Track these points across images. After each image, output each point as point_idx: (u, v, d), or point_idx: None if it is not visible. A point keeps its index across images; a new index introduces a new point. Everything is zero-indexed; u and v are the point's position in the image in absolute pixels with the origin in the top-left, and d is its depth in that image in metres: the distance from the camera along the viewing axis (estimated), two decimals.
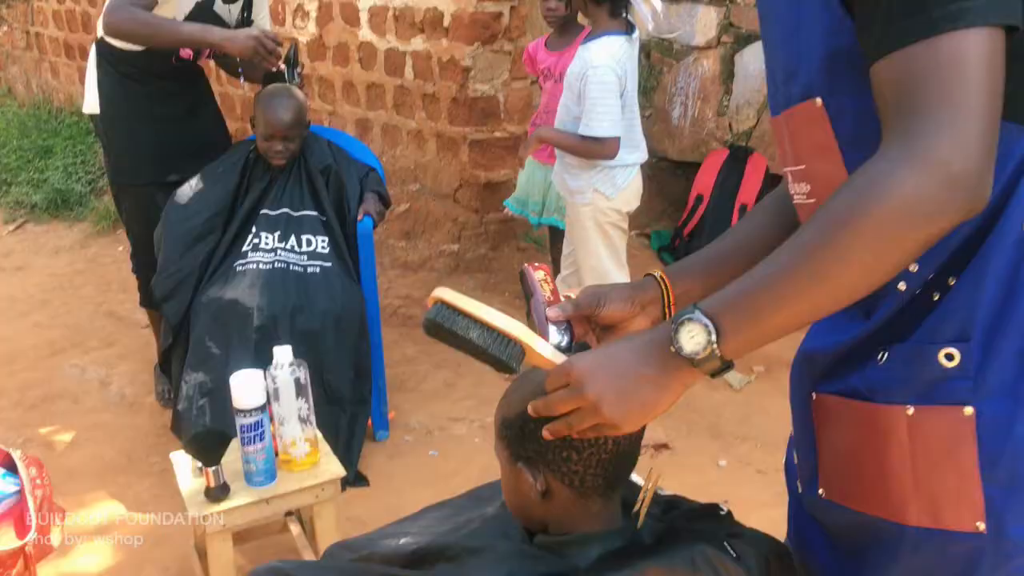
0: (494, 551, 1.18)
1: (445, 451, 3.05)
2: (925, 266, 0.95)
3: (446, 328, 1.01)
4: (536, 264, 1.26)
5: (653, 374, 0.96)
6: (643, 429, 1.10)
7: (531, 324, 1.16)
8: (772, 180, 4.26)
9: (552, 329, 1.12)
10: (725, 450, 2.99)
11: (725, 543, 1.14)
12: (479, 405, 3.26)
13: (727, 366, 0.95)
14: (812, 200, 1.06)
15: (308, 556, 2.35)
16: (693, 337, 0.93)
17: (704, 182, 4.39)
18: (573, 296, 1.18)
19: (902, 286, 0.97)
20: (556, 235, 3.70)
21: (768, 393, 3.24)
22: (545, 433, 1.02)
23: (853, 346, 1.04)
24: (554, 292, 1.18)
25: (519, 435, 1.11)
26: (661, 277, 1.20)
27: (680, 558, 1.09)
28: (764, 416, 3.13)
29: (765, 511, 2.67)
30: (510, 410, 1.13)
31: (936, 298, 0.96)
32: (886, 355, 0.99)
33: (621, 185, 2.96)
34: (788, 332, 0.94)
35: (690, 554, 1.10)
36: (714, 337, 0.92)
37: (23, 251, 5.13)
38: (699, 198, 4.39)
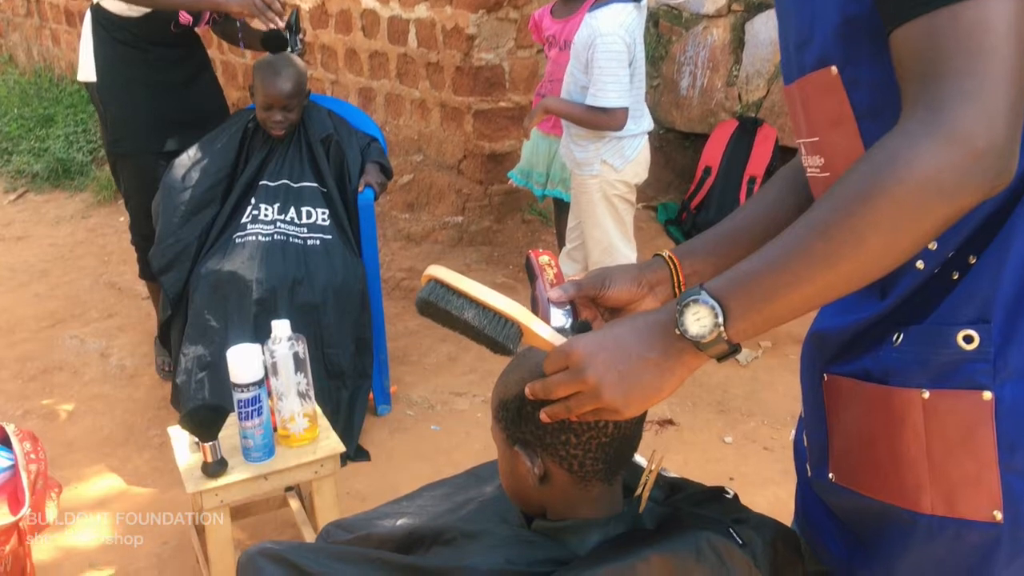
0: (491, 536, 1.14)
1: (447, 426, 3.02)
2: (944, 244, 0.91)
3: (440, 308, 0.96)
4: (540, 250, 1.21)
5: (656, 357, 0.92)
6: (645, 412, 1.06)
7: (535, 309, 1.11)
8: (782, 152, 4.20)
9: (554, 311, 1.07)
10: (731, 426, 2.95)
11: (731, 529, 1.10)
12: (482, 379, 3.23)
13: (734, 350, 0.90)
14: (826, 174, 1.02)
15: (307, 532, 2.33)
16: (699, 319, 0.89)
17: (712, 154, 4.32)
18: (575, 279, 1.14)
19: (920, 264, 0.93)
20: (561, 207, 3.64)
21: (775, 369, 3.20)
22: (543, 416, 0.98)
23: (867, 326, 1.00)
24: (558, 275, 1.13)
25: (516, 417, 1.07)
26: (670, 257, 1.15)
27: (684, 545, 1.06)
28: (771, 392, 3.09)
29: (771, 488, 2.67)
30: (507, 391, 1.09)
31: (955, 277, 0.92)
32: (901, 336, 0.95)
33: (629, 156, 2.90)
34: (799, 315, 0.90)
35: (694, 541, 1.06)
36: (721, 319, 0.88)
37: (24, 221, 5.09)
38: (707, 170, 4.32)
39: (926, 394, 0.93)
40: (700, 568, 1.05)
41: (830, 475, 1.08)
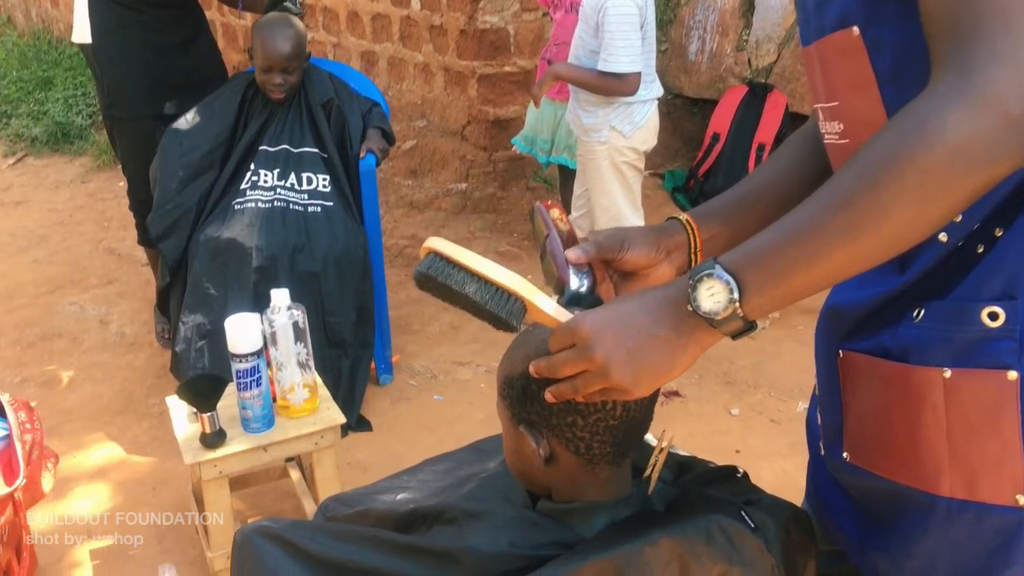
0: (494, 516, 1.10)
1: (450, 396, 2.99)
2: (969, 215, 0.86)
3: (440, 282, 0.91)
4: (549, 202, 1.14)
5: (667, 334, 0.87)
6: (656, 393, 1.01)
7: (546, 265, 1.05)
8: (792, 119, 4.12)
9: (572, 273, 1.01)
10: (738, 398, 2.91)
11: (742, 512, 1.06)
12: (485, 349, 3.19)
13: (749, 327, 0.85)
14: (845, 140, 0.97)
15: (307, 503, 2.31)
16: (713, 295, 0.84)
17: (721, 120, 4.25)
18: (589, 238, 1.08)
19: (943, 237, 0.88)
20: (566, 175, 3.59)
21: (783, 340, 3.15)
22: (548, 396, 0.94)
23: (885, 301, 0.95)
24: (571, 232, 1.06)
25: (521, 396, 1.02)
26: (688, 221, 1.10)
27: (694, 529, 1.02)
28: (778, 364, 3.05)
29: (778, 461, 2.64)
30: (512, 368, 1.04)
31: (980, 251, 0.87)
32: (922, 312, 0.91)
33: (639, 122, 2.84)
34: (818, 290, 0.85)
35: (705, 525, 1.02)
36: (736, 295, 0.83)
37: (22, 185, 5.04)
38: (715, 137, 4.25)
39: (947, 373, 0.88)
40: (710, 552, 1.01)
41: (844, 454, 1.04)
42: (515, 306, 0.91)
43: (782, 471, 2.51)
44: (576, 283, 1.01)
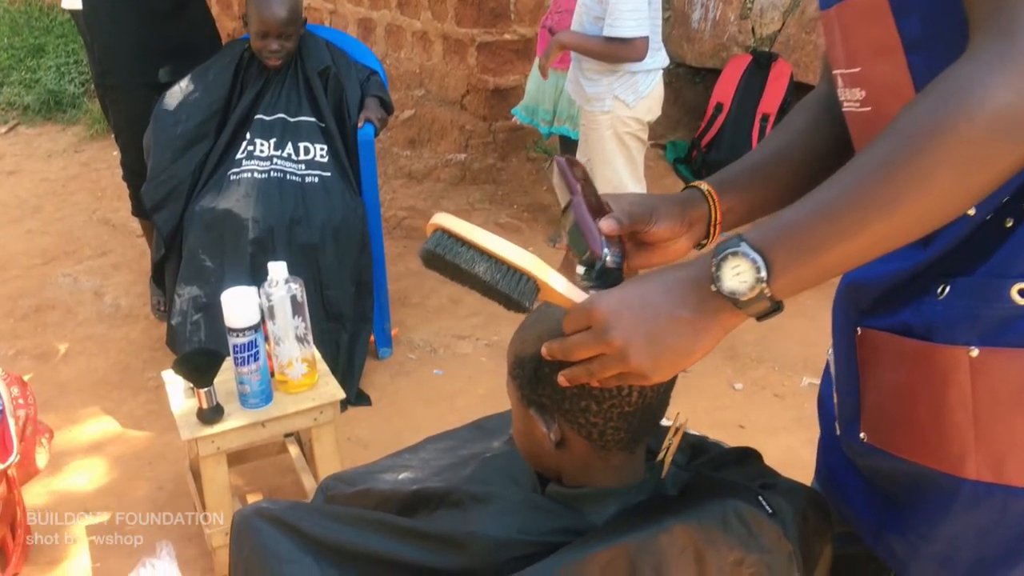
0: (501, 500, 1.06)
1: (450, 370, 2.95)
2: (999, 188, 0.81)
3: (448, 261, 0.85)
4: (570, 157, 1.07)
5: (689, 316, 0.82)
6: (674, 378, 0.97)
7: (573, 236, 0.97)
8: (797, 88, 4.06)
9: (605, 246, 0.93)
10: (741, 373, 2.88)
11: (759, 497, 1.02)
12: (486, 322, 3.15)
13: (776, 307, 0.81)
14: (867, 108, 0.92)
15: (307, 478, 2.28)
16: (738, 274, 0.79)
17: (724, 90, 4.18)
18: (616, 208, 1.00)
19: (971, 210, 0.83)
20: (567, 146, 3.53)
21: (786, 314, 3.03)
22: (561, 379, 0.89)
23: (907, 277, 0.91)
24: (595, 194, 1.00)
25: (532, 378, 0.98)
26: (709, 192, 1.04)
27: (709, 515, 0.98)
28: (782, 338, 3.01)
29: (782, 437, 2.61)
30: (523, 348, 0.99)
31: (1010, 225, 0.83)
32: (947, 289, 0.87)
33: (643, 92, 2.78)
34: (848, 269, 0.81)
35: (721, 510, 0.98)
36: (763, 274, 0.79)
37: (15, 155, 4.97)
38: (718, 107, 4.18)
39: (974, 352, 0.85)
40: (726, 538, 0.98)
41: (861, 435, 1.00)
42: (527, 286, 0.86)
43: (787, 447, 2.48)
44: (611, 259, 0.94)
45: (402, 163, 4.35)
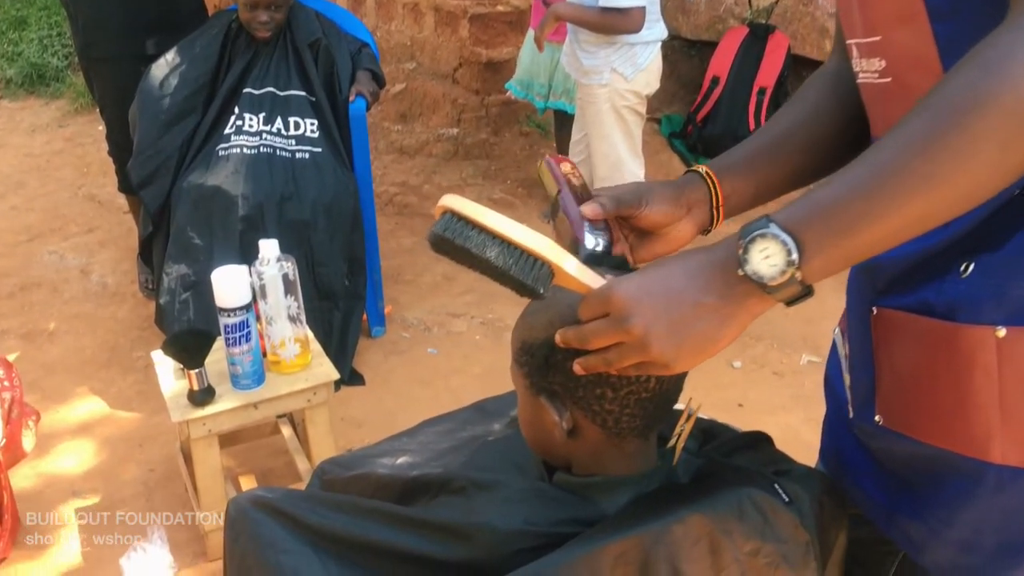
0: (506, 488, 1.02)
1: (444, 349, 2.91)
2: None
3: (458, 245, 0.80)
4: (559, 156, 1.05)
5: (714, 302, 0.78)
6: None
7: (559, 223, 0.96)
8: (795, 62, 4.01)
9: (588, 230, 0.91)
10: (739, 350, 2.85)
11: (776, 485, 0.98)
12: (481, 300, 3.10)
13: (807, 292, 0.77)
14: (887, 80, 0.88)
15: (300, 460, 2.24)
16: (768, 257, 0.75)
17: (720, 63, 4.12)
18: (605, 193, 0.98)
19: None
20: (563, 120, 3.48)
21: None
22: (576, 368, 0.85)
23: (928, 254, 0.87)
24: (584, 187, 0.97)
25: (542, 365, 0.93)
26: (707, 174, 1.01)
27: (725, 504, 0.94)
28: (781, 315, 2.94)
29: (782, 416, 2.58)
30: (531, 334, 0.94)
31: None
32: (971, 266, 0.83)
33: (641, 64, 2.73)
34: (881, 250, 0.77)
35: (737, 499, 0.94)
36: (795, 256, 0.74)
37: None
38: (715, 80, 4.12)
39: (1001, 332, 0.81)
40: (742, 528, 0.94)
41: (876, 418, 0.96)
42: (542, 271, 0.81)
43: (786, 425, 2.46)
44: (592, 242, 0.92)
45: (393, 138, 4.29)
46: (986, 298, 0.82)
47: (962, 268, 0.84)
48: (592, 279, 0.83)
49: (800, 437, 2.42)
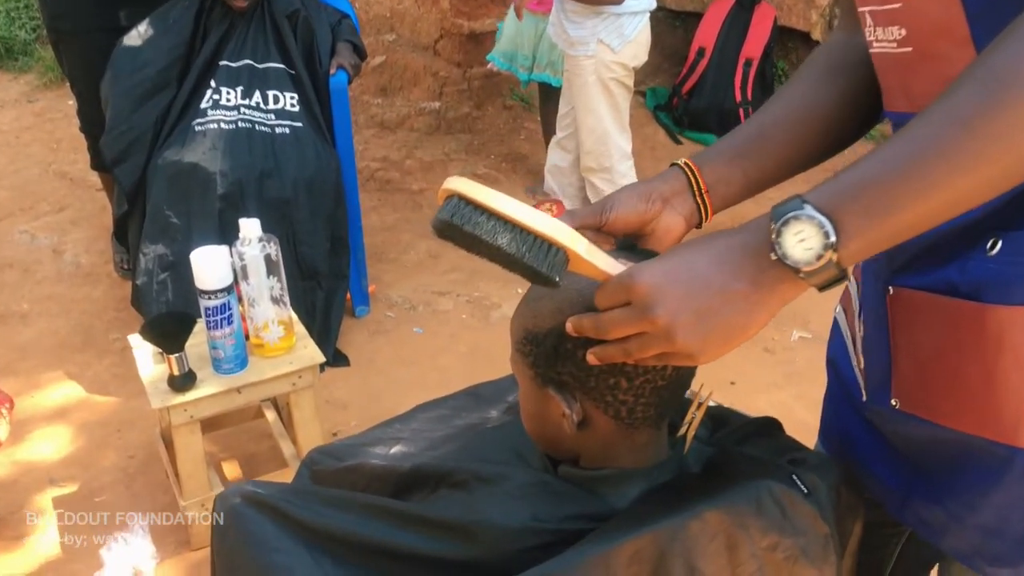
0: (510, 481, 0.97)
1: (430, 328, 2.85)
2: None
3: (466, 231, 0.73)
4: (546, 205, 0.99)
5: (744, 289, 0.73)
6: None
7: None
8: (781, 33, 3.95)
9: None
10: None
11: (794, 476, 0.94)
12: (467, 278, 3.05)
13: (842, 276, 0.72)
14: (907, 49, 0.83)
15: (285, 444, 2.18)
16: (803, 240, 0.70)
17: (706, 34, 4.06)
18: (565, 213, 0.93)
19: None
20: (547, 93, 3.41)
21: None
22: (591, 358, 0.80)
23: (951, 232, 0.83)
24: (558, 213, 0.92)
25: (551, 355, 0.87)
26: (685, 163, 0.96)
27: (743, 497, 0.89)
28: None
29: (774, 393, 2.55)
30: (537, 323, 0.89)
31: None
32: (999, 244, 0.80)
33: (628, 36, 2.66)
34: (921, 231, 0.72)
35: (755, 492, 0.90)
36: (833, 239, 0.69)
37: None
38: (700, 52, 4.06)
39: None
40: (759, 522, 0.90)
41: (893, 401, 0.93)
42: (557, 258, 0.75)
43: (779, 402, 2.43)
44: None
45: (373, 112, 4.20)
46: (1015, 277, 0.79)
47: (989, 245, 0.80)
48: (610, 265, 0.77)
49: (794, 415, 2.39)
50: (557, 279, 0.75)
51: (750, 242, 0.73)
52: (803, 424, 1.14)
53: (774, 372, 2.61)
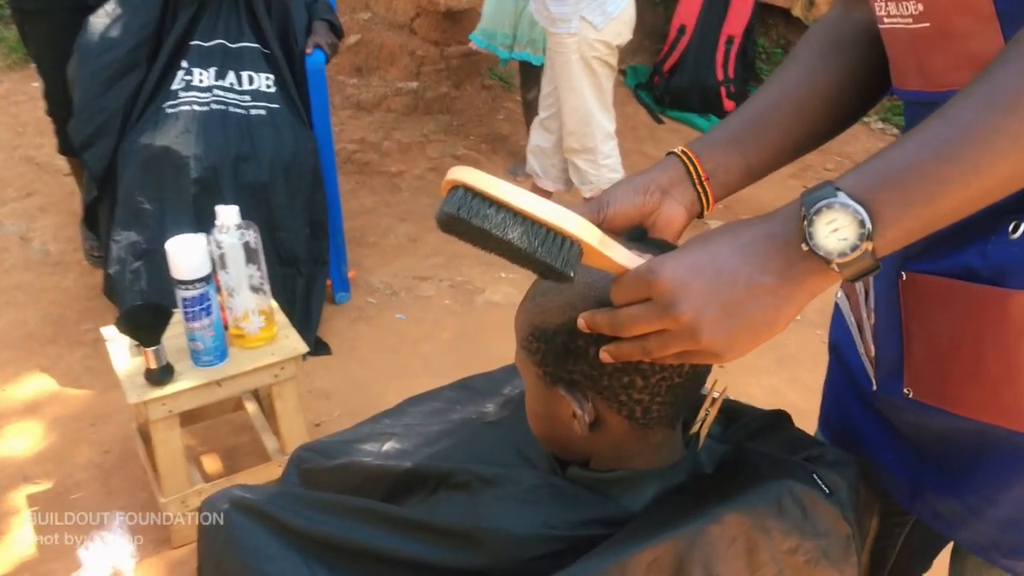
0: (515, 484, 0.92)
1: (413, 314, 2.79)
2: None
3: (474, 225, 0.68)
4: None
5: (772, 282, 0.68)
6: None
7: None
8: (763, 10, 3.91)
9: None
10: None
11: (814, 475, 0.90)
12: (449, 262, 2.99)
13: (876, 267, 0.67)
14: (924, 25, 0.79)
15: (267, 438, 2.12)
16: (837, 230, 0.65)
17: (687, 11, 4.02)
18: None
19: None
20: (528, 72, 3.34)
21: None
22: (605, 356, 0.75)
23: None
24: None
25: (561, 353, 0.82)
26: (682, 151, 0.92)
27: (764, 499, 0.85)
28: None
29: (766, 378, 2.52)
30: (545, 319, 0.84)
31: None
32: (1021, 226, 0.77)
33: (612, 13, 2.60)
34: (958, 218, 0.69)
35: (776, 493, 0.86)
36: (869, 227, 0.65)
37: None
38: (681, 29, 4.02)
39: None
40: (780, 524, 0.85)
41: (905, 390, 0.90)
42: (571, 252, 0.69)
43: (771, 387, 2.40)
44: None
45: (349, 92, 4.11)
46: None
47: (1011, 228, 0.77)
48: (626, 258, 0.72)
49: (787, 400, 2.37)
50: (572, 274, 0.69)
51: (779, 232, 0.69)
52: (795, 408, 1.10)
53: (765, 357, 2.58)
